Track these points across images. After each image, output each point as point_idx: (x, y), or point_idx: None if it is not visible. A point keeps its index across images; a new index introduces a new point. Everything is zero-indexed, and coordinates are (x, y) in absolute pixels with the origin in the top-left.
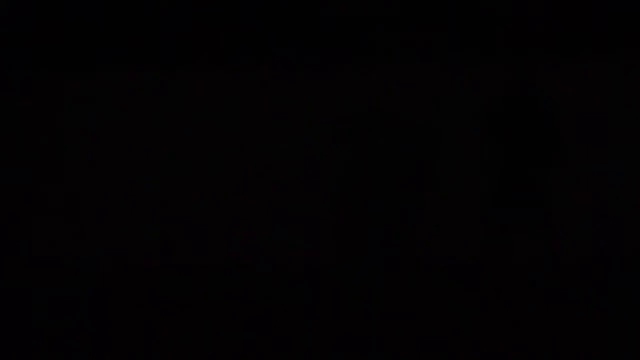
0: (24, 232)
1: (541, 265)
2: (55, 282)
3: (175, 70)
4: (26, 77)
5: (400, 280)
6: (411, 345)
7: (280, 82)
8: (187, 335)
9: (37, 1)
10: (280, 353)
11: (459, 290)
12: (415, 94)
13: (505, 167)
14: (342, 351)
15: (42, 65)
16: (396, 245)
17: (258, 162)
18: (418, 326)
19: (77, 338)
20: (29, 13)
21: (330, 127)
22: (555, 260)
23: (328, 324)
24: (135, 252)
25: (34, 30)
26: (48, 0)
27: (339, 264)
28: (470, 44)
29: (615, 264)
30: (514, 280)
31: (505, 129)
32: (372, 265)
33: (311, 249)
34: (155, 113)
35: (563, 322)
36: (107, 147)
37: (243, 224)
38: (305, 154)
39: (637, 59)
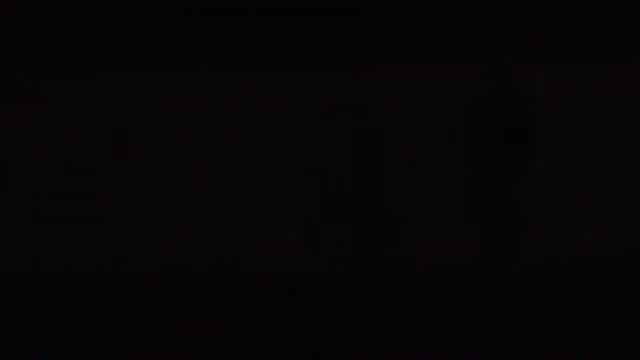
0: (25, 235)
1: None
2: (54, 282)
3: (173, 71)
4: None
5: (382, 281)
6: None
7: (255, 82)
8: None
9: (38, 2)
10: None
11: (443, 292)
12: (395, 94)
13: (485, 168)
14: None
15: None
16: (378, 246)
17: (238, 162)
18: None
19: (77, 338)
20: (29, 13)
21: (310, 127)
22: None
23: (315, 324)
24: (135, 251)
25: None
26: (48, 1)
27: (318, 265)
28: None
29: (613, 263)
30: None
31: (485, 129)
32: (352, 266)
33: (293, 249)
34: (149, 114)
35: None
36: (105, 147)
37: (225, 223)
38: (290, 153)
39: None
